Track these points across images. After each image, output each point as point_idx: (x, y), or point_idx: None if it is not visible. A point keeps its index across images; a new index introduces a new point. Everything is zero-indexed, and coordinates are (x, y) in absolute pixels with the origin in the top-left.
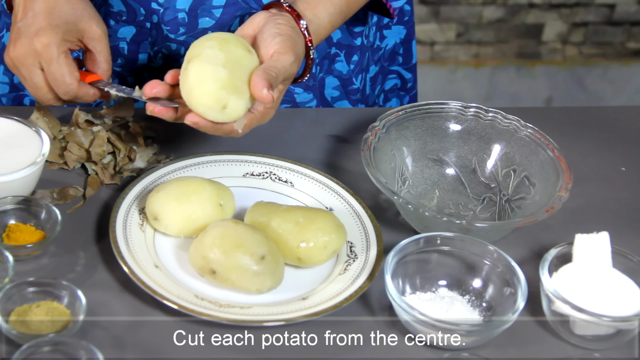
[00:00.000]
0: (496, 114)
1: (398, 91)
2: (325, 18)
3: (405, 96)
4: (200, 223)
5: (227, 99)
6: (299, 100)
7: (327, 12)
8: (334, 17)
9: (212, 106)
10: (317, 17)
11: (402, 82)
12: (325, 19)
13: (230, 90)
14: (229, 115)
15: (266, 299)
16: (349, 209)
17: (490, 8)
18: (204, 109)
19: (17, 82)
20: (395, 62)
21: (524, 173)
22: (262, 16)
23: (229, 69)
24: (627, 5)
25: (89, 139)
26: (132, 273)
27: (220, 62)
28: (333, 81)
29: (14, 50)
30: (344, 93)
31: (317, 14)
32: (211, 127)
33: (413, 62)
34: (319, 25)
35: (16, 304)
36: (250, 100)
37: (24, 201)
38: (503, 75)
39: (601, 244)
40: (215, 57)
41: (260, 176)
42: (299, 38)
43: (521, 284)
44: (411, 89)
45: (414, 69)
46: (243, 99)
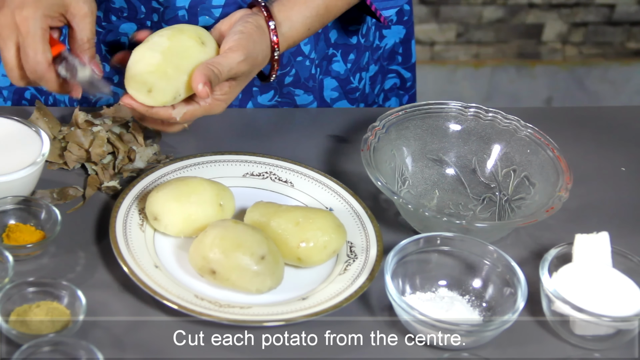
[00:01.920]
0: (496, 114)
1: (397, 90)
2: (299, 21)
3: (404, 95)
4: (200, 223)
5: (152, 83)
6: (299, 103)
7: (302, 15)
8: (310, 20)
9: (138, 88)
10: (289, 19)
11: (402, 82)
12: (299, 22)
13: (159, 76)
14: (154, 99)
15: (266, 299)
16: (349, 209)
17: (490, 8)
18: (132, 90)
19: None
20: (395, 61)
21: (524, 173)
22: (239, 14)
23: (165, 57)
24: (627, 5)
25: (89, 139)
26: (132, 273)
27: (159, 49)
28: (331, 82)
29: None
30: (342, 94)
31: (290, 17)
32: (145, 110)
33: (412, 62)
34: (291, 28)
35: (16, 304)
36: (187, 90)
37: (24, 201)
38: (503, 75)
39: (601, 244)
40: (158, 44)
41: (260, 176)
42: (262, 38)
43: (521, 284)
44: (410, 88)
45: (413, 69)
46: (171, 86)
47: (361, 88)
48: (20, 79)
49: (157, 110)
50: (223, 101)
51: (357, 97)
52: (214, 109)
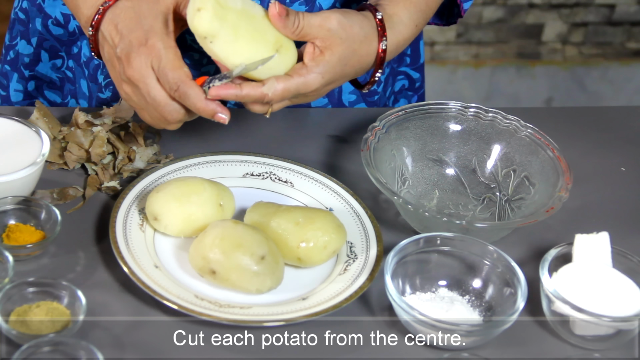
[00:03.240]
0: (496, 114)
1: (406, 92)
2: (405, 15)
3: (413, 96)
4: (200, 223)
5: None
6: (313, 104)
7: (407, 10)
8: (415, 15)
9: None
10: (397, 14)
11: (410, 82)
12: (406, 16)
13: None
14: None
15: (266, 299)
16: (349, 209)
17: (490, 8)
18: None
19: (31, 89)
20: (404, 62)
21: (524, 173)
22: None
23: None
24: (627, 6)
25: (89, 139)
26: (132, 273)
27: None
28: (348, 86)
29: (130, 68)
30: (360, 96)
31: (397, 12)
32: (235, 94)
33: (421, 62)
34: (399, 22)
35: (16, 304)
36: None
37: (24, 201)
38: (503, 75)
39: (601, 244)
40: None
41: (260, 176)
42: (365, 20)
43: (521, 284)
44: (419, 88)
45: (421, 69)
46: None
47: (380, 91)
48: (178, 113)
49: (247, 92)
50: (320, 74)
51: (376, 101)
52: (310, 83)
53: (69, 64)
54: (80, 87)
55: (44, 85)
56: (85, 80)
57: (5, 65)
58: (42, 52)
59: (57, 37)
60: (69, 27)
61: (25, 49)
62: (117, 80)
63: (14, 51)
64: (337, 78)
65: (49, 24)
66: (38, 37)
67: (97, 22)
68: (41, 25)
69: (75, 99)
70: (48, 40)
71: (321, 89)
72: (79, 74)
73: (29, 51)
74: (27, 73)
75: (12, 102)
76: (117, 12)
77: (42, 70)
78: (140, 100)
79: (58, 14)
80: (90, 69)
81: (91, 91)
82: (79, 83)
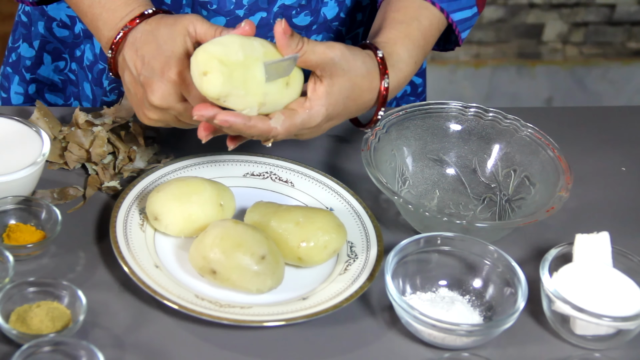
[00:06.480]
0: (496, 114)
1: (408, 97)
2: (404, 53)
3: (415, 101)
4: (200, 223)
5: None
6: None
7: (406, 48)
8: (414, 52)
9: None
10: (396, 53)
11: (413, 88)
12: (405, 54)
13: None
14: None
15: (266, 299)
16: (349, 209)
17: (490, 8)
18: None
19: (31, 92)
20: None
21: (524, 173)
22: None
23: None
24: (627, 5)
25: (89, 139)
26: (132, 273)
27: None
28: None
29: (153, 96)
30: None
31: (395, 50)
32: (243, 124)
33: (423, 67)
34: (399, 60)
35: (16, 304)
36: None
37: (24, 201)
38: (503, 75)
39: (601, 244)
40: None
41: (260, 176)
42: (367, 58)
43: (521, 284)
44: (421, 93)
45: (423, 74)
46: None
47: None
48: (204, 131)
49: (255, 123)
50: (323, 106)
51: None
52: (313, 115)
53: (72, 66)
54: (83, 90)
55: (45, 88)
56: (89, 84)
57: (7, 68)
58: (44, 54)
59: (61, 39)
60: (74, 29)
61: (27, 51)
62: (138, 105)
63: (16, 54)
64: (339, 111)
65: (53, 26)
66: (40, 40)
67: (117, 44)
68: (44, 29)
69: (79, 101)
70: (51, 43)
71: (323, 124)
72: (82, 76)
73: (30, 54)
74: (29, 76)
75: (13, 105)
76: (137, 36)
77: (44, 72)
78: (169, 121)
79: (63, 15)
80: (94, 73)
81: (95, 95)
82: (81, 86)
